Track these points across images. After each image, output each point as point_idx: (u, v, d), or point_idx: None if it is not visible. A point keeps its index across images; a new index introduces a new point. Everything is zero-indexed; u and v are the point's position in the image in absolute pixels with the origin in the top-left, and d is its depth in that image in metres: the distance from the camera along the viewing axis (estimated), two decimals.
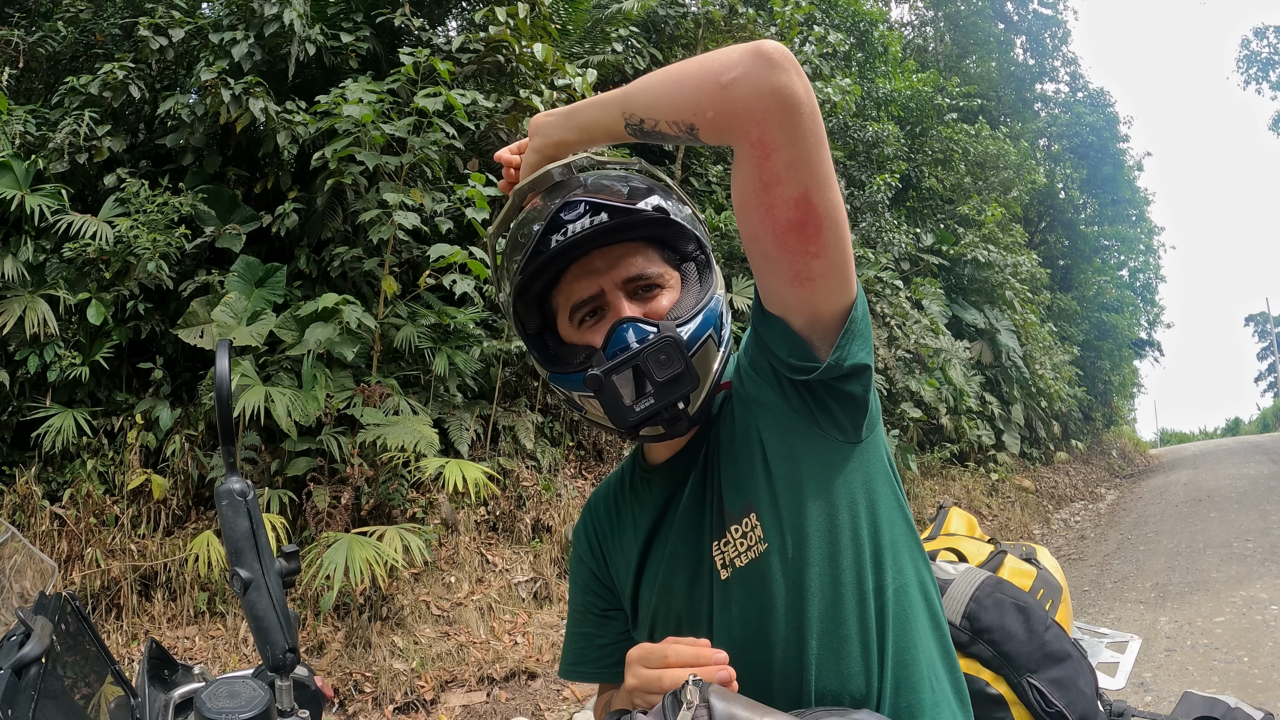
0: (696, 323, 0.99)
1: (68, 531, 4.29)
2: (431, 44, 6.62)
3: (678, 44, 8.81)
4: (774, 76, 0.85)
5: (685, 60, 0.93)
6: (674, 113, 0.91)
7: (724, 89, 0.86)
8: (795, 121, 0.86)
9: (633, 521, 1.16)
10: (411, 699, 4.18)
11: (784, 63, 0.85)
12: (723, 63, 0.87)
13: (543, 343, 1.09)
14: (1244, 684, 4.19)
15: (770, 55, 0.85)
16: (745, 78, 0.85)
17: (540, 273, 1.03)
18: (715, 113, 0.88)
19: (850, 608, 0.98)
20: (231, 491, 0.90)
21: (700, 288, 1.04)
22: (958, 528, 1.61)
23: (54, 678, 0.97)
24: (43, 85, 6.12)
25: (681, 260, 1.07)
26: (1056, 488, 12.99)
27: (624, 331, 0.98)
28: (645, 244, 1.04)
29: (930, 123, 12.97)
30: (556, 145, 1.03)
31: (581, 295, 1.02)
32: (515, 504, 5.72)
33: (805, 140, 0.87)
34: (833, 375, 0.96)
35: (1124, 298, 23.39)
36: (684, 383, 0.95)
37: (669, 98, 0.91)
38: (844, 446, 1.00)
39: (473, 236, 5.97)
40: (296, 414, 4.70)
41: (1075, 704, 1.20)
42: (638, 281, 1.02)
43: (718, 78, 0.87)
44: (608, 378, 0.95)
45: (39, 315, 4.64)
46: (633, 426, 0.98)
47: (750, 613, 1.01)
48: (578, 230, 0.97)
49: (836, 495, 0.99)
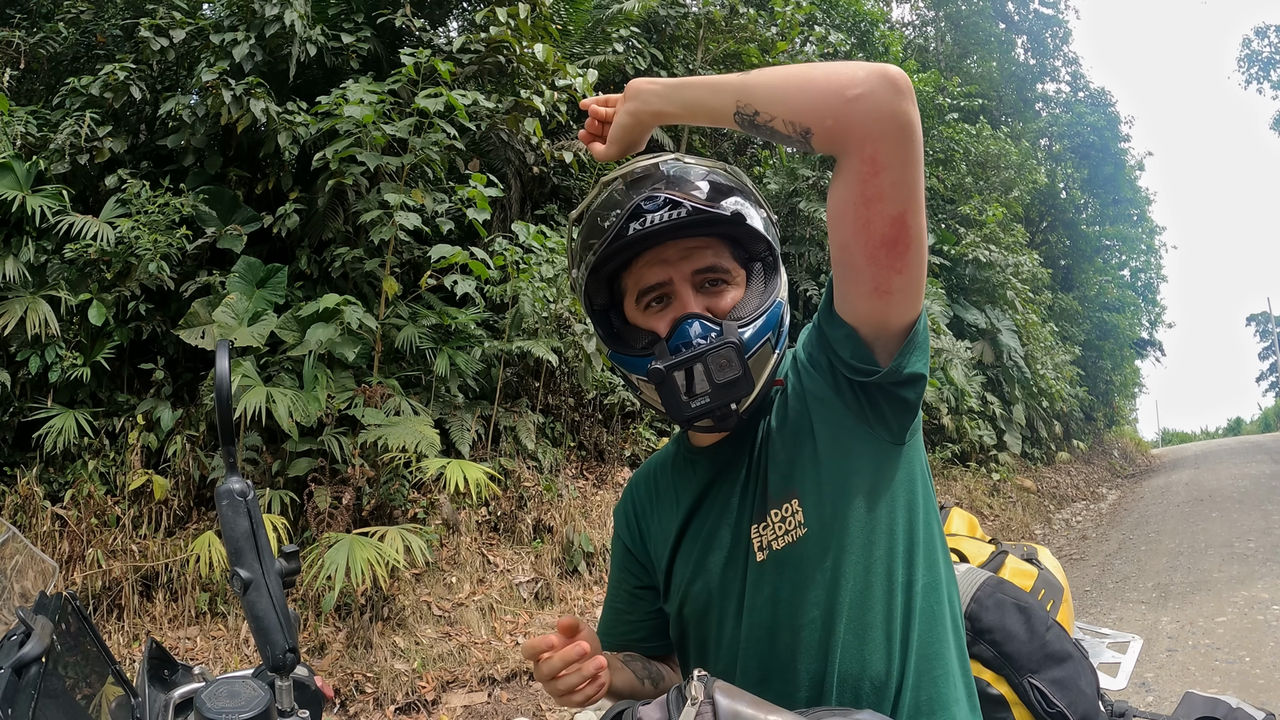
0: (757, 325, 1.04)
1: (69, 532, 4.29)
2: (432, 44, 6.62)
3: (678, 44, 8.81)
4: (897, 101, 0.89)
5: (810, 65, 0.97)
6: (794, 114, 0.94)
7: (849, 103, 0.90)
8: (909, 146, 0.90)
9: (674, 499, 1.21)
10: (413, 699, 4.18)
11: (907, 90, 0.89)
12: (850, 77, 0.90)
13: (607, 319, 1.15)
14: (1246, 684, 4.18)
15: (896, 81, 0.89)
16: (870, 96, 0.89)
17: (615, 256, 1.08)
18: (835, 123, 0.91)
19: (879, 597, 1.02)
20: (232, 492, 0.90)
21: (765, 289, 1.09)
22: (959, 528, 1.61)
23: (54, 677, 0.97)
24: (44, 86, 6.13)
25: (750, 259, 1.11)
26: (1058, 488, 12.98)
27: (688, 326, 1.03)
28: (718, 240, 1.09)
29: (931, 123, 12.95)
30: (654, 114, 1.06)
31: (650, 281, 1.08)
32: (516, 504, 5.72)
33: (913, 164, 0.91)
34: (891, 380, 1.01)
35: (1125, 297, 23.37)
36: (740, 387, 1.01)
37: (792, 99, 0.94)
38: (889, 446, 1.05)
39: (474, 237, 5.97)
40: (298, 414, 4.70)
41: (1076, 704, 1.20)
42: (706, 274, 1.07)
43: (843, 91, 0.90)
44: (670, 373, 1.00)
45: (40, 316, 4.64)
46: (687, 420, 1.04)
47: (782, 594, 1.05)
48: (656, 221, 1.02)
49: (878, 490, 1.04)
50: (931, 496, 1.10)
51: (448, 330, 5.85)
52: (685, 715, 0.81)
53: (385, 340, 5.46)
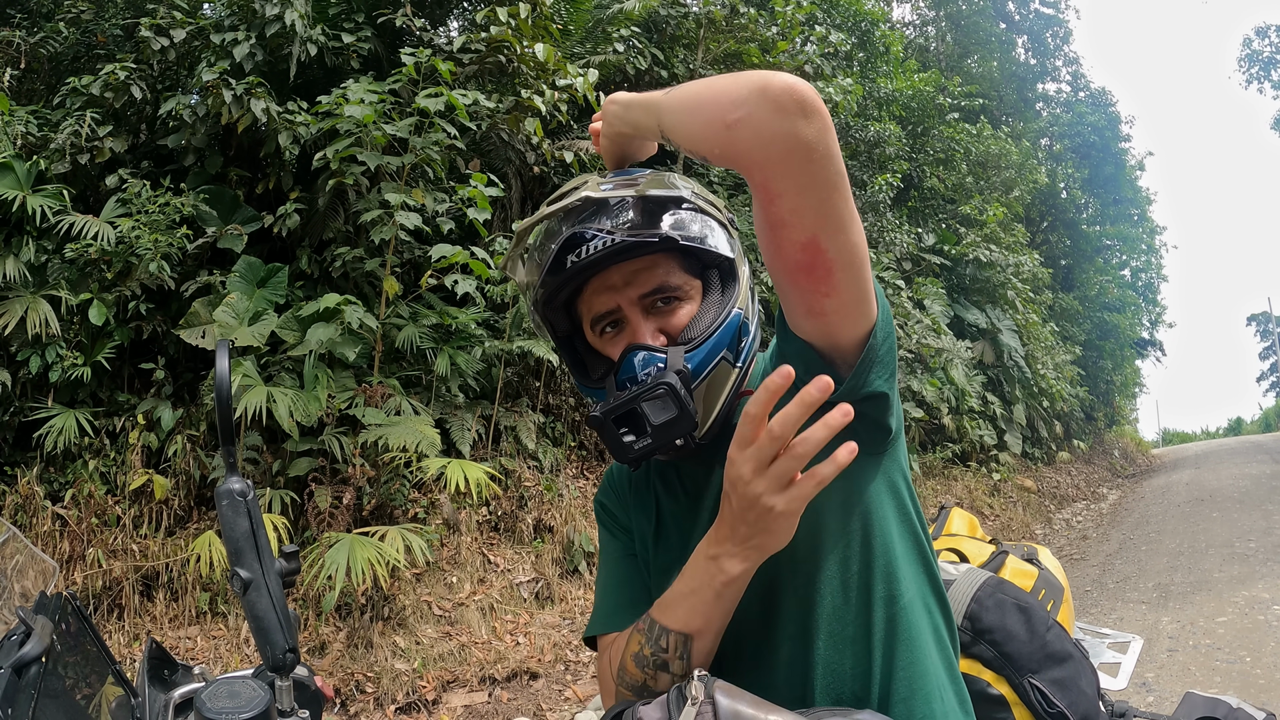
0: (710, 345, 0.98)
1: (69, 532, 4.29)
2: (433, 44, 6.62)
3: (679, 44, 8.81)
4: (780, 123, 0.81)
5: (706, 84, 0.90)
6: (689, 141, 0.92)
7: (728, 130, 0.85)
8: (801, 169, 0.83)
9: (652, 500, 1.16)
10: (413, 699, 4.18)
11: (789, 106, 0.81)
12: (731, 99, 0.84)
13: (572, 346, 1.11)
14: (1246, 684, 4.18)
15: (779, 99, 0.81)
16: (748, 121, 0.83)
17: (561, 288, 1.04)
18: (721, 152, 0.88)
19: (856, 613, 0.99)
20: (231, 491, 0.90)
21: (722, 297, 1.03)
22: (959, 528, 1.61)
23: (54, 677, 0.96)
24: (44, 86, 6.13)
25: (705, 268, 1.05)
26: (1058, 488, 12.98)
27: (633, 358, 0.98)
28: (665, 255, 1.03)
29: (932, 123, 12.96)
30: (620, 135, 1.07)
31: (600, 310, 1.03)
32: (517, 504, 5.72)
33: (813, 187, 0.84)
34: (849, 399, 0.93)
35: (1126, 297, 23.38)
36: (680, 425, 0.94)
37: (685, 125, 0.92)
38: (864, 456, 0.98)
39: (474, 237, 5.97)
40: (298, 414, 4.70)
41: (1077, 704, 1.19)
42: (654, 296, 1.01)
43: (724, 117, 0.85)
44: (608, 419, 0.96)
45: (41, 316, 4.65)
46: (632, 463, 0.99)
47: (751, 611, 1.01)
48: (591, 251, 0.98)
49: (851, 503, 1.00)
50: (914, 506, 1.06)
51: (448, 330, 5.85)
52: (685, 715, 0.81)
53: (386, 340, 5.46)
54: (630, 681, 0.99)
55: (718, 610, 0.95)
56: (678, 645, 0.95)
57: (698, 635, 0.95)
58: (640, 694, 0.97)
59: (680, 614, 0.96)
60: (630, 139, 1.08)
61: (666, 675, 0.96)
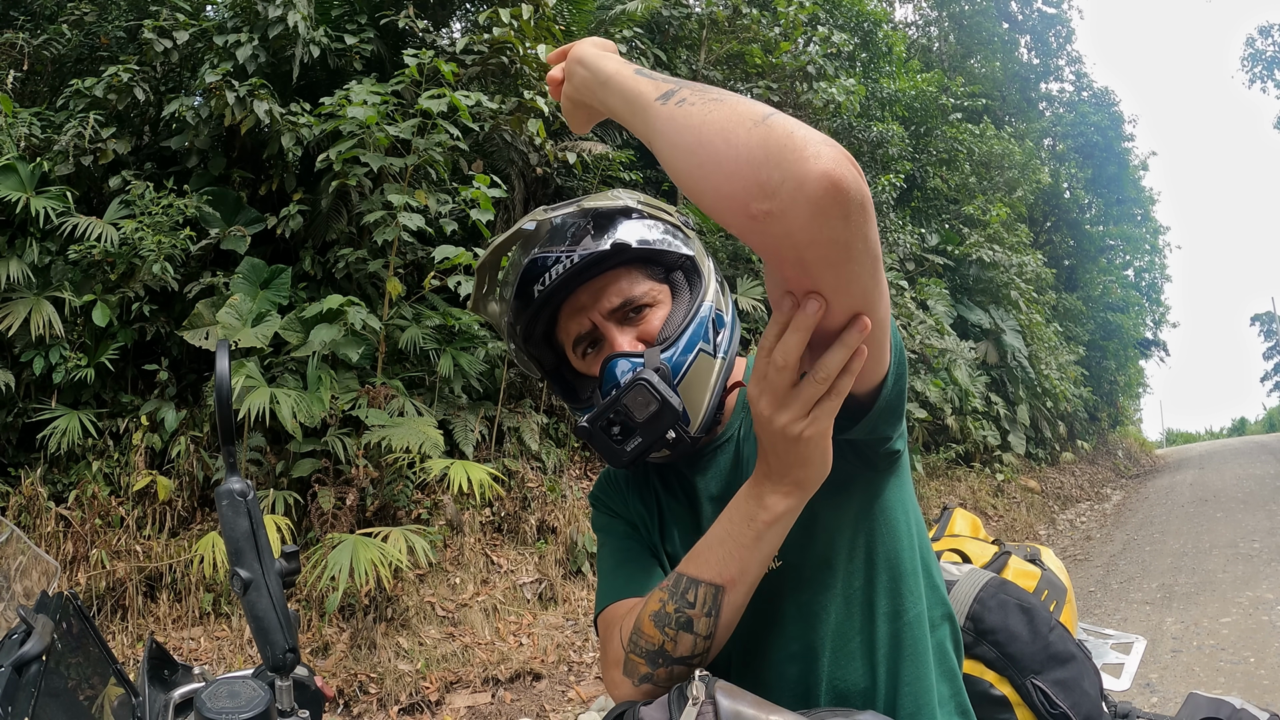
0: (685, 340, 0.99)
1: (73, 533, 4.30)
2: (435, 46, 6.62)
3: (682, 44, 8.81)
4: (816, 230, 0.68)
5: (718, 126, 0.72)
6: (690, 192, 0.77)
7: (752, 220, 0.70)
8: (838, 269, 0.73)
9: (654, 503, 1.15)
10: (416, 700, 4.18)
11: (831, 210, 0.67)
12: (757, 183, 0.68)
13: (560, 376, 1.13)
14: (1250, 685, 4.17)
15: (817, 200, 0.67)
16: (779, 219, 0.69)
17: (535, 320, 1.06)
18: (739, 234, 0.74)
19: (859, 629, 0.99)
20: (232, 492, 0.90)
21: (691, 295, 1.04)
22: (962, 529, 1.61)
23: (55, 676, 0.97)
24: (48, 88, 6.14)
25: (670, 270, 1.07)
26: (1062, 488, 12.95)
27: (614, 367, 0.99)
28: (627, 266, 1.04)
29: (935, 123, 12.95)
30: (588, 107, 0.96)
31: (576, 332, 1.05)
32: (520, 505, 5.72)
33: (848, 281, 0.74)
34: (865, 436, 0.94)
35: (1129, 297, 23.35)
36: (664, 417, 0.94)
37: (688, 176, 0.75)
38: (866, 473, 1.00)
39: (477, 238, 5.97)
40: (301, 415, 4.71)
41: (1079, 705, 1.19)
42: (625, 307, 1.03)
43: (748, 205, 0.69)
44: (595, 426, 0.96)
45: (44, 317, 4.66)
46: (629, 464, 0.98)
47: (755, 627, 1.00)
48: (553, 277, 1.00)
49: (855, 518, 1.00)
50: (918, 519, 1.06)
51: (451, 331, 5.85)
52: (686, 715, 0.81)
53: (389, 341, 5.47)
54: (646, 646, 0.93)
55: (754, 558, 0.90)
56: (706, 599, 0.91)
57: (730, 586, 0.90)
58: (655, 660, 0.92)
59: (713, 562, 0.91)
60: (590, 113, 0.98)
61: (689, 636, 0.91)
